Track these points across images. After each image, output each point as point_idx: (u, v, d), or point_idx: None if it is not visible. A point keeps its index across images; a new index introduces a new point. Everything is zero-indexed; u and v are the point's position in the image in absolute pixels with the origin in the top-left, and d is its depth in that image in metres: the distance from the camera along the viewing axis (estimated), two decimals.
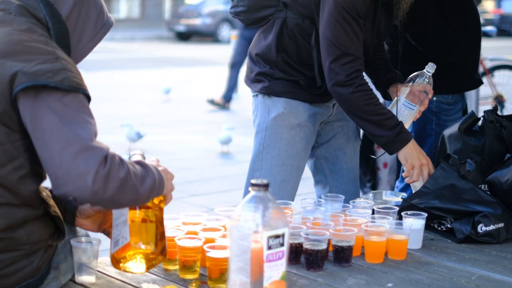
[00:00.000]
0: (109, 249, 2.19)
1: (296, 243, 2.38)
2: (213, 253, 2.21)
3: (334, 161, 3.27)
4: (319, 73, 3.02)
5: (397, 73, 3.15)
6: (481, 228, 2.66)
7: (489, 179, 2.86)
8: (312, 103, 3.13)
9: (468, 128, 3.04)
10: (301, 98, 3.10)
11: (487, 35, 7.93)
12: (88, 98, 2.05)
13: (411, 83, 3.11)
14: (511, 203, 2.76)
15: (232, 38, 11.68)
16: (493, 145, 2.96)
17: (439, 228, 2.80)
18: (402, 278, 2.32)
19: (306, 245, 2.34)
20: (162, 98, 11.96)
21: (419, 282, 2.29)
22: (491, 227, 2.66)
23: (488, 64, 9.34)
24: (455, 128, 3.05)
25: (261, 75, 3.13)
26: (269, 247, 1.83)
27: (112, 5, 27.45)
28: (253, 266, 1.82)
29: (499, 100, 9.18)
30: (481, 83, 3.75)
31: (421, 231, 2.62)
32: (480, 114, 3.11)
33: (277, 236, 1.84)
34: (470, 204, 2.71)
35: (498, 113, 3.12)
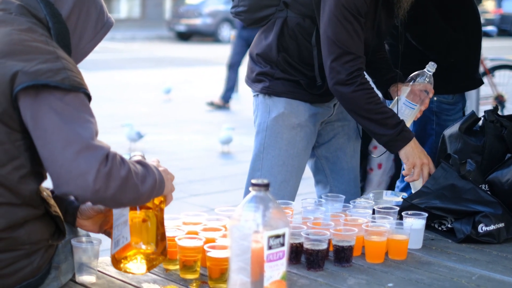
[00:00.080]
0: (109, 249, 2.19)
1: (296, 243, 2.37)
2: (213, 253, 2.21)
3: (335, 161, 3.27)
4: (320, 72, 3.02)
5: (397, 72, 3.15)
6: (482, 228, 2.66)
7: (489, 179, 2.85)
8: (312, 103, 3.13)
9: (468, 128, 3.04)
10: (301, 98, 3.10)
11: (488, 35, 7.92)
12: (88, 98, 2.04)
13: (411, 82, 3.11)
14: (511, 203, 2.76)
15: (233, 38, 11.67)
16: (493, 145, 2.96)
17: (440, 228, 2.80)
18: (402, 278, 2.32)
19: (307, 245, 2.34)
20: (163, 98, 11.96)
21: (420, 282, 2.28)
22: (492, 227, 2.66)
23: (488, 64, 9.34)
24: (455, 128, 3.05)
25: (261, 75, 3.13)
26: (270, 247, 1.83)
27: (113, 5, 27.45)
28: (254, 266, 1.82)
29: (499, 100, 9.18)
30: (482, 83, 3.75)
31: (421, 231, 2.62)
32: (480, 114, 3.11)
33: (277, 236, 1.84)
34: (470, 204, 2.71)
35: (499, 113, 3.12)
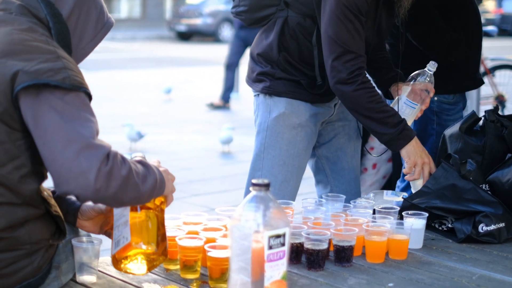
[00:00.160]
0: (110, 249, 2.19)
1: (297, 242, 2.37)
2: (214, 253, 2.21)
3: (335, 161, 3.27)
4: (320, 72, 3.02)
5: (398, 72, 3.15)
6: (482, 228, 2.66)
7: (490, 179, 2.85)
8: (313, 103, 3.13)
9: (469, 128, 3.04)
10: (302, 98, 3.10)
11: (488, 35, 7.91)
12: (89, 97, 2.04)
13: (412, 81, 3.10)
14: None
15: None
16: (494, 145, 2.96)
17: (440, 228, 2.80)
18: (403, 278, 2.31)
19: (307, 245, 2.34)
20: (163, 98, 11.96)
21: (420, 282, 2.28)
22: (492, 227, 2.66)
23: (489, 64, 9.35)
24: (456, 128, 3.05)
25: (262, 74, 3.12)
26: (270, 247, 1.83)
27: (113, 5, 27.45)
28: (254, 266, 1.82)
29: (500, 100, 9.18)
30: (482, 83, 3.74)
31: (422, 231, 2.62)
32: (481, 114, 3.11)
33: (278, 236, 1.84)
34: (471, 204, 2.71)
35: (499, 112, 3.12)
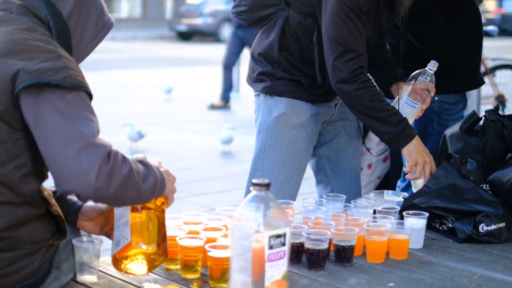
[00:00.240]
0: (110, 249, 2.19)
1: (297, 242, 2.37)
2: (214, 253, 2.21)
3: (336, 161, 3.27)
4: (320, 71, 3.02)
5: (399, 71, 3.15)
6: (483, 227, 2.66)
7: (490, 178, 2.85)
8: (314, 103, 3.12)
9: (469, 128, 3.04)
10: (303, 98, 3.10)
11: (489, 34, 7.91)
12: (90, 96, 2.05)
13: (413, 81, 3.10)
14: None
15: None
16: (494, 144, 2.96)
17: (441, 228, 2.80)
18: (403, 278, 2.31)
19: (308, 245, 2.34)
20: (164, 98, 11.96)
21: (421, 282, 2.28)
22: (493, 227, 2.66)
23: (489, 64, 9.35)
24: (456, 127, 3.05)
25: (263, 74, 3.12)
26: (271, 247, 1.83)
27: (114, 5, 27.45)
28: (255, 266, 1.82)
29: (500, 99, 9.18)
30: (483, 83, 3.74)
31: (422, 231, 2.62)
32: (481, 114, 3.11)
33: (278, 236, 1.84)
34: (471, 204, 2.70)
35: (500, 112, 3.12)
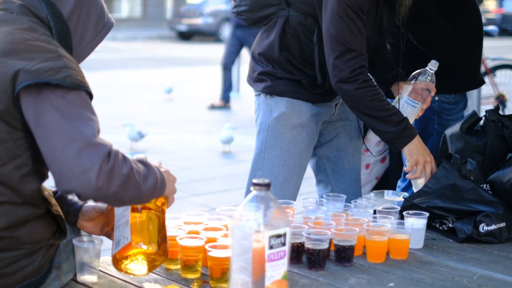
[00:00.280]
0: (111, 249, 2.19)
1: (297, 242, 2.37)
2: (214, 253, 2.21)
3: (336, 161, 3.27)
4: (320, 71, 3.02)
5: (399, 71, 3.15)
6: (483, 227, 2.66)
7: (490, 178, 2.85)
8: (314, 102, 3.12)
9: (469, 128, 3.04)
10: (303, 97, 3.10)
11: (489, 34, 7.92)
12: (90, 96, 2.05)
13: (413, 80, 3.10)
14: None
15: None
16: (494, 144, 2.96)
17: (441, 228, 2.80)
18: (403, 278, 2.31)
19: (308, 245, 2.34)
20: (164, 98, 11.96)
21: (421, 282, 2.28)
22: (493, 227, 2.66)
23: (490, 64, 9.35)
24: (456, 127, 3.05)
25: (263, 74, 3.12)
26: (271, 247, 1.83)
27: (114, 5, 27.45)
28: (255, 266, 1.82)
29: (500, 99, 9.18)
30: (483, 83, 3.74)
31: (422, 231, 2.62)
32: (482, 114, 3.11)
33: (278, 236, 1.84)
34: (471, 204, 2.70)
35: (500, 112, 3.12)
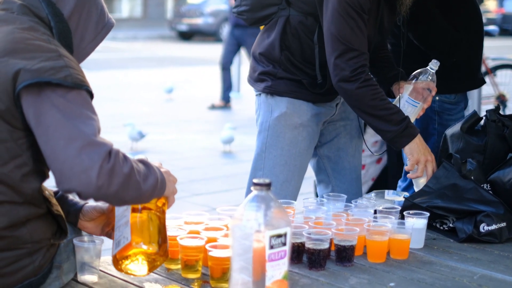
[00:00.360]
0: (111, 249, 2.19)
1: (298, 242, 2.38)
2: (215, 253, 2.21)
3: (337, 161, 3.27)
4: (320, 70, 3.02)
5: (400, 70, 3.15)
6: (483, 227, 2.66)
7: (491, 178, 2.85)
8: (315, 102, 3.12)
9: (470, 128, 3.04)
10: (304, 97, 3.10)
11: (490, 34, 7.91)
12: (91, 95, 2.05)
13: (414, 80, 3.10)
14: None
15: None
16: (495, 144, 2.96)
17: (441, 228, 2.80)
18: (404, 278, 2.31)
19: (308, 245, 2.34)
20: (164, 98, 11.96)
21: (421, 282, 2.28)
22: (493, 227, 2.66)
23: (490, 64, 9.34)
24: (457, 127, 3.05)
25: (264, 74, 3.12)
26: (271, 247, 1.83)
27: (114, 5, 27.44)
28: (255, 266, 1.82)
29: (501, 99, 9.18)
30: (484, 83, 3.74)
31: (423, 231, 2.62)
32: (482, 114, 3.11)
33: (279, 236, 1.84)
34: (472, 204, 2.70)
35: (501, 112, 3.12)
